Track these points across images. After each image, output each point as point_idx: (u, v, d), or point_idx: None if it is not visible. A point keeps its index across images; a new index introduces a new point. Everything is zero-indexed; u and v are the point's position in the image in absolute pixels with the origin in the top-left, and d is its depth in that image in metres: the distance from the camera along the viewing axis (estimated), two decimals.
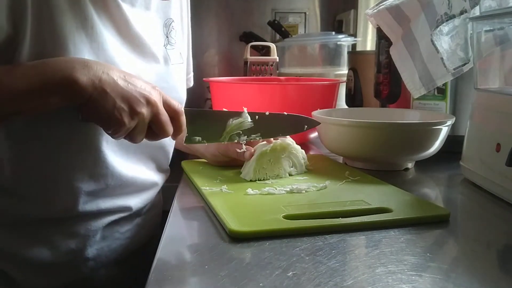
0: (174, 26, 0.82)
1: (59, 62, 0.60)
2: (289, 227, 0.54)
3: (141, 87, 0.61)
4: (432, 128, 0.81)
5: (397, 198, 0.66)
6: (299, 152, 0.81)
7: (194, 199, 0.70)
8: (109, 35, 0.68)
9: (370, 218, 0.57)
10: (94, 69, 0.59)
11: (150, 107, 0.61)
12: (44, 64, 0.60)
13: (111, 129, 0.61)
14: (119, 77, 0.60)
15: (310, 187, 0.70)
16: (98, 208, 0.73)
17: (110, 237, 0.77)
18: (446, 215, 0.60)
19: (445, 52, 0.87)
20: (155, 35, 0.77)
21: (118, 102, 0.59)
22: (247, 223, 0.55)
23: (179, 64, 0.83)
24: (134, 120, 0.60)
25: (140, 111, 0.60)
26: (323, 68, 1.62)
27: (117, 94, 0.59)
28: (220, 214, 0.58)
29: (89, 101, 0.59)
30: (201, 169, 0.83)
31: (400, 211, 0.60)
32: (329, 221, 0.56)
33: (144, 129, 0.63)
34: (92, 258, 0.75)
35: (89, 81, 0.58)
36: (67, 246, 0.72)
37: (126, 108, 0.59)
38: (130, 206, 0.77)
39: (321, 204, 0.63)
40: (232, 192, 0.68)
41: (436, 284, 0.43)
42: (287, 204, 0.62)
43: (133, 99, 0.60)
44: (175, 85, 0.81)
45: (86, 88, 0.58)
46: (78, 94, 0.58)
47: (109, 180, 0.71)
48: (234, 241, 0.52)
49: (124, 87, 0.60)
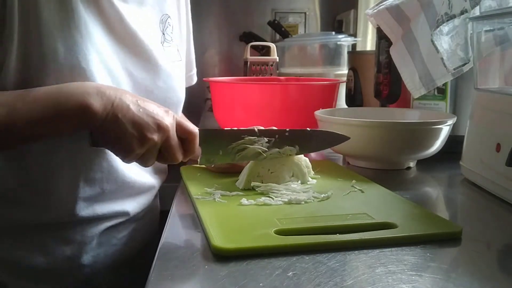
0: (171, 22, 0.80)
1: (72, 88, 0.59)
2: (278, 244, 0.49)
3: (153, 112, 0.60)
4: (434, 127, 0.81)
5: (404, 211, 0.61)
6: (302, 160, 0.74)
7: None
8: (100, 35, 0.66)
9: (371, 235, 0.52)
10: (107, 95, 0.58)
11: (161, 133, 0.60)
12: (57, 89, 0.59)
13: (120, 154, 0.61)
14: (131, 102, 0.59)
15: (311, 198, 0.65)
16: (94, 214, 0.71)
17: (106, 243, 0.75)
18: (458, 232, 0.54)
19: (445, 52, 0.87)
20: (151, 32, 0.75)
21: (129, 129, 0.58)
22: (234, 238, 0.51)
23: (177, 62, 0.81)
24: (144, 146, 0.59)
25: (150, 137, 0.59)
26: (323, 68, 1.62)
27: (128, 120, 0.58)
28: (207, 227, 0.54)
29: (101, 127, 0.58)
30: (199, 175, 0.78)
31: (406, 227, 0.54)
32: (324, 238, 0.51)
33: (155, 155, 0.62)
34: (88, 265, 0.73)
35: (101, 107, 0.57)
36: (63, 253, 0.71)
37: (136, 135, 0.58)
38: (127, 211, 0.76)
39: (319, 217, 0.58)
40: (225, 202, 0.64)
41: (436, 284, 0.43)
42: (282, 217, 0.57)
43: (144, 125, 0.59)
44: (172, 85, 0.79)
45: (99, 114, 0.57)
46: (91, 120, 0.58)
47: (104, 185, 0.70)
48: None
49: (136, 113, 0.59)
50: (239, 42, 1.94)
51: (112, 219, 0.75)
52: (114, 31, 0.69)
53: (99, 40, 0.66)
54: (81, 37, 0.64)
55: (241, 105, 1.09)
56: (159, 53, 0.76)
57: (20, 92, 0.60)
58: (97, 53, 0.66)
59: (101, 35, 0.67)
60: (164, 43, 0.78)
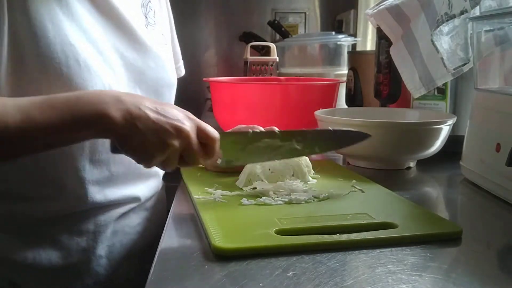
0: (152, 7, 0.81)
1: (92, 96, 0.59)
2: (278, 244, 0.50)
3: (173, 117, 0.59)
4: (434, 127, 0.81)
5: (404, 211, 0.62)
6: (302, 160, 0.74)
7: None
8: (86, 12, 0.67)
9: (371, 235, 0.52)
10: (127, 104, 0.58)
11: (182, 138, 0.59)
12: (76, 98, 0.59)
13: (142, 161, 0.61)
14: (151, 110, 0.59)
15: (311, 197, 0.65)
16: (106, 199, 0.71)
17: (120, 231, 0.75)
18: (458, 232, 0.54)
19: (445, 52, 0.87)
20: (134, 14, 0.76)
21: (149, 137, 0.58)
22: (234, 238, 0.51)
23: (163, 45, 0.82)
24: (165, 153, 0.59)
25: (171, 143, 0.58)
26: (323, 68, 1.62)
27: (148, 128, 0.58)
28: (207, 227, 0.54)
29: (121, 136, 0.58)
30: (199, 175, 0.78)
31: (406, 227, 0.54)
32: (324, 238, 0.51)
33: (176, 159, 0.61)
34: (105, 256, 0.73)
35: (121, 117, 0.57)
36: (77, 245, 0.71)
37: (157, 142, 0.58)
38: (138, 196, 0.76)
39: (320, 217, 0.58)
40: (226, 202, 0.64)
41: (436, 284, 0.43)
42: (283, 217, 0.57)
43: (164, 131, 0.58)
44: (163, 65, 0.79)
45: (118, 123, 0.57)
46: (110, 129, 0.57)
47: (111, 167, 0.71)
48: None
49: (156, 120, 0.58)
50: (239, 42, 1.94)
51: (123, 205, 0.75)
52: (99, 10, 0.69)
53: (85, 18, 0.67)
54: (65, 15, 0.65)
55: (241, 105, 1.09)
56: (145, 35, 0.76)
57: (35, 99, 0.59)
58: (84, 31, 0.66)
59: (87, 12, 0.67)
60: (148, 26, 0.79)
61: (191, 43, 1.95)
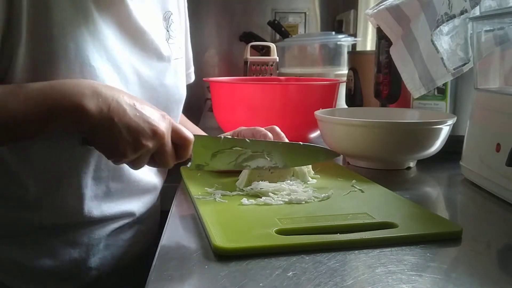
0: (173, 19, 0.80)
1: (67, 86, 0.57)
2: (278, 244, 0.50)
3: (150, 117, 0.58)
4: (434, 127, 0.81)
5: (404, 211, 0.61)
6: None
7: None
8: (110, 32, 0.66)
9: (371, 235, 0.52)
10: (104, 96, 0.56)
11: (156, 139, 0.58)
12: (51, 88, 0.57)
13: (112, 158, 0.59)
14: (128, 105, 0.57)
15: (311, 197, 0.65)
16: (102, 214, 0.71)
17: (113, 245, 0.75)
18: (458, 232, 0.54)
19: (445, 52, 0.87)
20: (157, 29, 0.75)
21: (124, 134, 0.56)
22: (234, 238, 0.51)
23: (180, 59, 0.81)
24: (137, 153, 0.58)
25: (145, 144, 0.57)
26: (323, 68, 1.62)
27: (124, 124, 0.56)
28: (207, 227, 0.54)
29: (94, 129, 0.57)
30: (199, 175, 0.77)
31: (406, 227, 0.54)
32: (324, 237, 0.51)
33: (147, 160, 0.60)
34: (95, 268, 0.73)
35: (97, 109, 0.55)
36: (70, 256, 0.71)
37: (131, 141, 0.57)
38: (133, 211, 0.76)
39: (320, 217, 0.58)
40: (226, 202, 0.64)
41: (436, 284, 0.43)
42: (283, 217, 0.57)
43: (140, 131, 0.57)
44: (176, 83, 0.79)
45: (94, 116, 0.55)
46: (85, 121, 0.56)
47: (110, 183, 0.70)
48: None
49: (132, 117, 0.57)
50: (239, 42, 1.94)
51: (118, 220, 0.74)
52: (123, 27, 0.68)
53: (109, 37, 0.65)
54: (90, 34, 0.63)
55: (241, 105, 1.09)
56: (166, 50, 0.75)
57: (11, 87, 0.57)
58: (105, 51, 0.65)
59: (111, 32, 0.66)
60: (169, 39, 0.78)
61: (191, 43, 1.95)
